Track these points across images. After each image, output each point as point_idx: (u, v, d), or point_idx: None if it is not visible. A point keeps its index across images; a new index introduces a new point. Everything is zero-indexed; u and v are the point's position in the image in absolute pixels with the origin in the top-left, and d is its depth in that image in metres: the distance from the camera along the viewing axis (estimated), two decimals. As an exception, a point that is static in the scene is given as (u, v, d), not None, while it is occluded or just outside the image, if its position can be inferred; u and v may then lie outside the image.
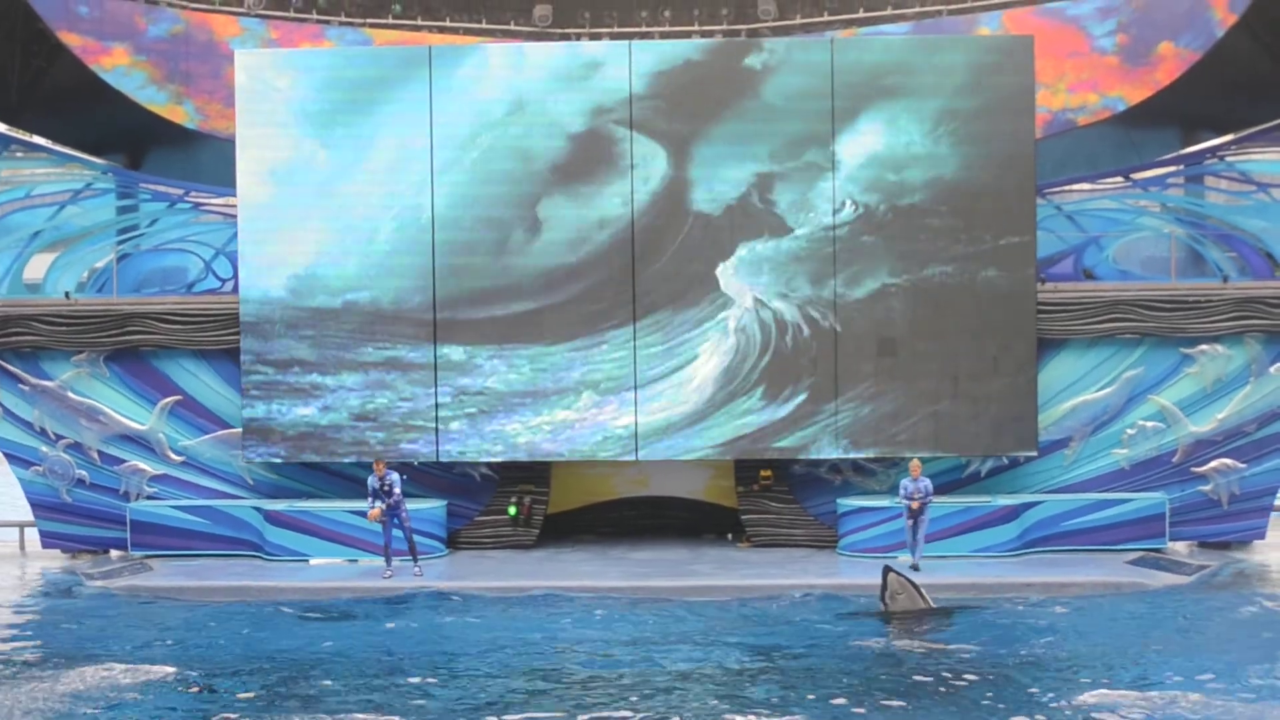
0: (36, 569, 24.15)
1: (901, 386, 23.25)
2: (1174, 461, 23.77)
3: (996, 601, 20.17)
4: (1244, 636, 18.16)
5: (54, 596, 21.80)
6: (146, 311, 24.20)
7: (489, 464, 24.08)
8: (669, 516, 25.32)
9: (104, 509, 24.33)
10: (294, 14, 28.48)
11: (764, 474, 24.05)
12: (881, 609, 19.24)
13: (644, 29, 28.66)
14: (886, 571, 19.44)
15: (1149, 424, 23.73)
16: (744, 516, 24.36)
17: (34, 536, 25.37)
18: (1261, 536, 24.23)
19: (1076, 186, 25.51)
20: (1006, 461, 23.81)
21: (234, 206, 24.06)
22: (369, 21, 28.66)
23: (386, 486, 21.62)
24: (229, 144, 24.56)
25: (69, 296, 24.39)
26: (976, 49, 24.09)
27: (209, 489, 24.33)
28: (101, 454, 24.35)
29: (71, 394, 24.27)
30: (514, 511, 24.21)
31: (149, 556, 23.73)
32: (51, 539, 24.89)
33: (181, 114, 27.60)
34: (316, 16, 28.52)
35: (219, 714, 14.78)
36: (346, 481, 24.08)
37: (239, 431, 23.85)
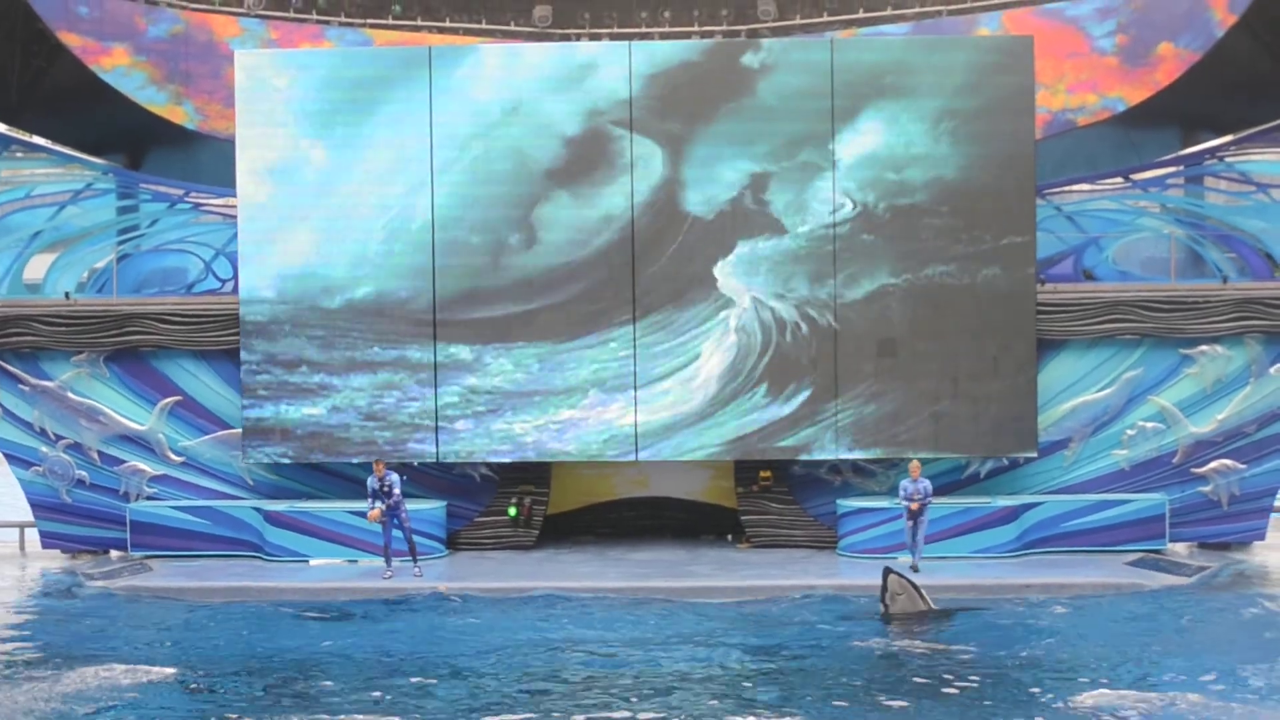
0: (36, 569, 24.15)
1: (901, 387, 23.24)
2: (1174, 462, 23.76)
3: (996, 602, 20.16)
4: (1244, 637, 18.17)
5: (54, 597, 21.80)
6: (146, 312, 24.19)
7: (489, 464, 24.09)
8: (668, 517, 25.30)
9: (104, 509, 24.33)
10: (294, 14, 28.48)
11: (764, 475, 24.04)
12: (882, 610, 19.24)
13: (644, 29, 28.65)
14: (887, 573, 19.43)
15: (1149, 425, 23.73)
16: (744, 517, 24.35)
17: (34, 537, 25.37)
18: (1261, 537, 24.23)
19: (1076, 187, 25.50)
20: (1006, 462, 23.80)
21: (234, 207, 24.04)
22: (369, 22, 28.65)
23: (386, 487, 21.61)
24: (229, 144, 24.55)
25: (69, 297, 24.38)
26: (976, 49, 24.07)
27: (209, 489, 24.33)
28: (101, 454, 24.35)
29: (71, 394, 24.27)
30: (514, 512, 24.21)
31: (149, 557, 23.73)
32: (51, 539, 24.89)
33: (181, 114, 27.59)
34: (316, 17, 28.51)
35: (219, 714, 14.79)
36: (346, 482, 24.08)
37: (239, 432, 23.85)
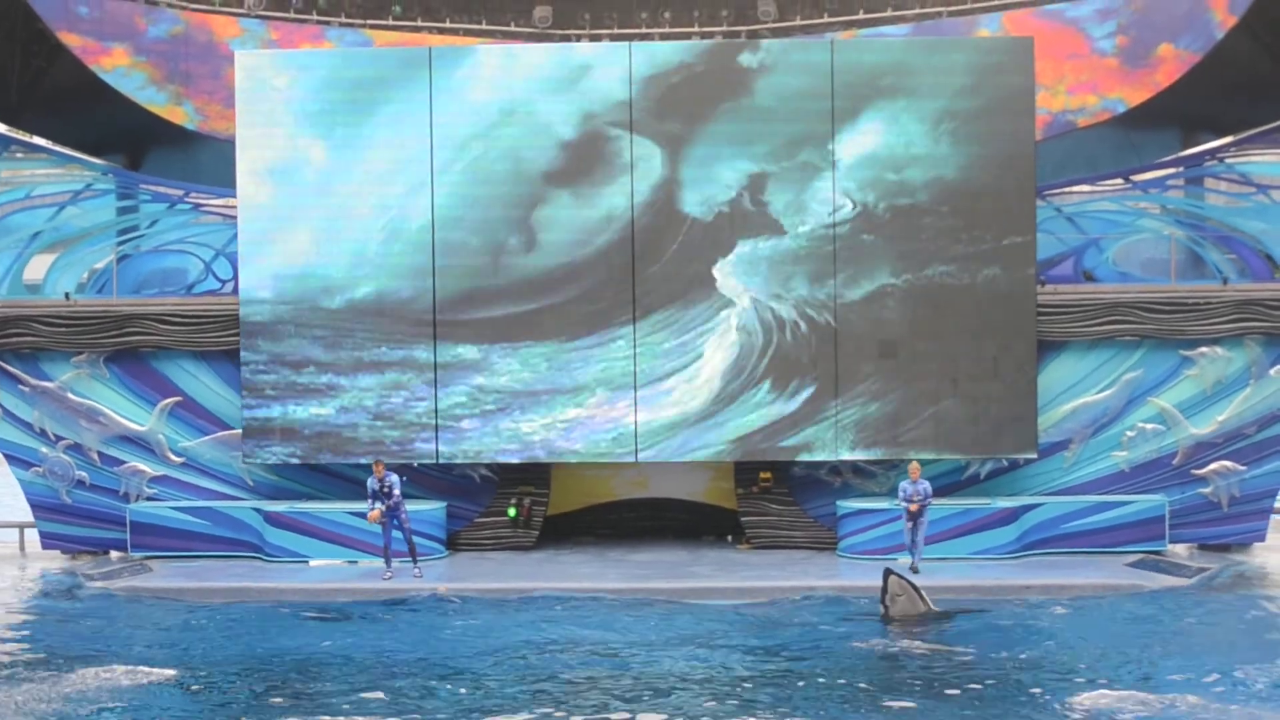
0: (36, 570, 24.13)
1: (901, 387, 23.23)
2: (1174, 464, 23.76)
3: (997, 604, 20.15)
4: (1244, 639, 18.17)
5: (54, 598, 21.78)
6: (146, 313, 24.18)
7: (488, 465, 24.08)
8: (668, 518, 25.29)
9: (104, 510, 24.32)
10: (294, 15, 28.48)
11: (763, 476, 24.04)
12: (882, 611, 19.24)
13: (644, 30, 28.67)
14: (887, 574, 19.43)
15: (1149, 426, 23.72)
16: (744, 518, 24.35)
17: (34, 537, 25.37)
18: (1261, 539, 24.23)
19: (1076, 188, 25.50)
20: (1006, 464, 23.80)
21: (234, 207, 24.03)
22: (369, 23, 28.66)
23: (386, 488, 21.60)
24: (229, 145, 24.55)
25: (69, 297, 24.38)
26: (977, 51, 24.06)
27: (209, 490, 24.32)
28: (101, 455, 24.35)
29: (71, 395, 24.26)
30: (513, 513, 24.20)
31: (149, 558, 23.73)
32: (51, 540, 24.89)
33: (181, 115, 27.59)
34: (316, 17, 28.52)
35: (219, 715, 14.79)
36: (346, 483, 24.07)
37: (239, 433, 23.85)
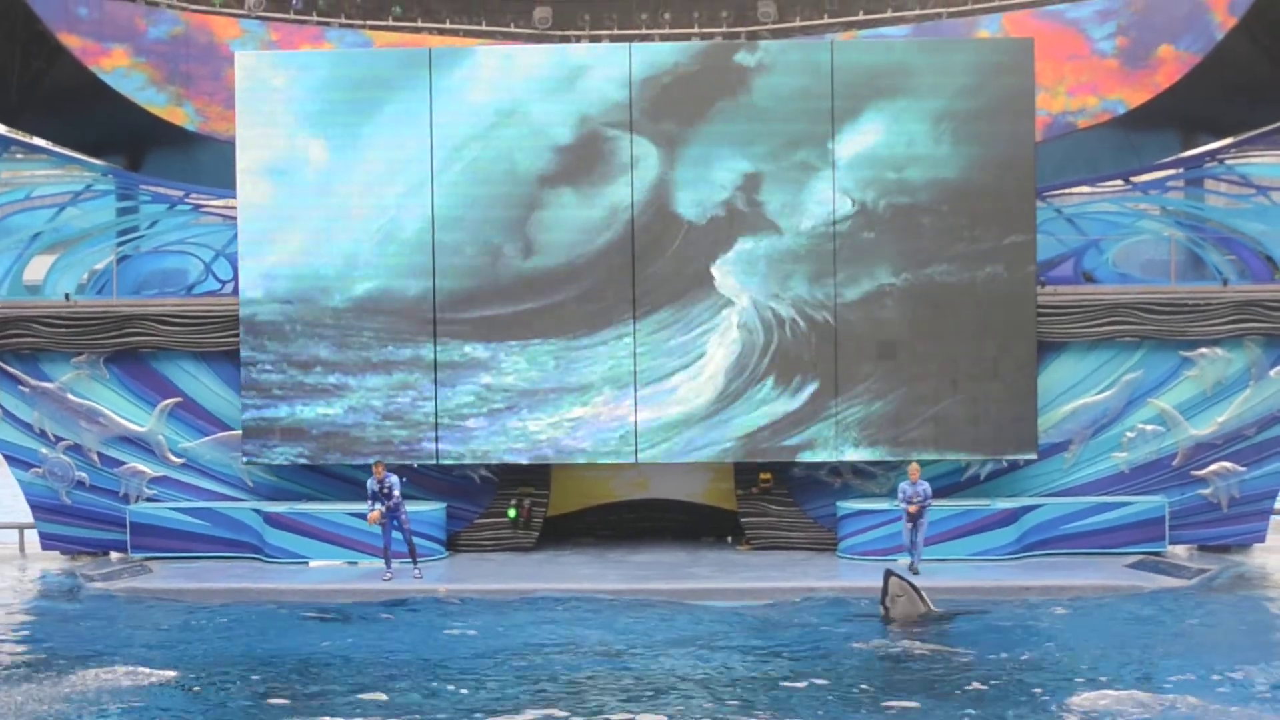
0: (36, 571, 24.13)
1: (901, 388, 23.23)
2: (1174, 465, 23.76)
3: (997, 605, 20.16)
4: (1244, 640, 18.17)
5: (54, 598, 21.79)
6: (146, 313, 24.19)
7: (488, 466, 24.07)
8: (668, 519, 25.29)
9: (104, 511, 24.32)
10: (294, 16, 28.49)
11: (763, 477, 24.05)
12: (882, 612, 19.24)
13: (644, 31, 28.68)
14: (888, 575, 19.42)
15: (1149, 427, 23.73)
16: (743, 519, 24.35)
17: (34, 538, 25.37)
18: (1261, 540, 24.24)
19: (1076, 189, 25.52)
20: (1006, 465, 23.80)
21: (234, 208, 24.03)
22: (369, 24, 28.67)
23: (386, 489, 21.60)
24: (229, 146, 24.55)
25: (69, 298, 24.38)
26: (977, 51, 24.07)
27: (209, 491, 24.33)
28: (101, 456, 24.35)
29: (71, 396, 24.27)
30: (513, 514, 24.21)
31: (149, 558, 23.73)
32: (51, 541, 24.89)
33: (181, 116, 27.60)
34: (316, 18, 28.53)
35: (219, 716, 14.78)
36: (346, 484, 24.07)
37: (239, 433, 23.84)
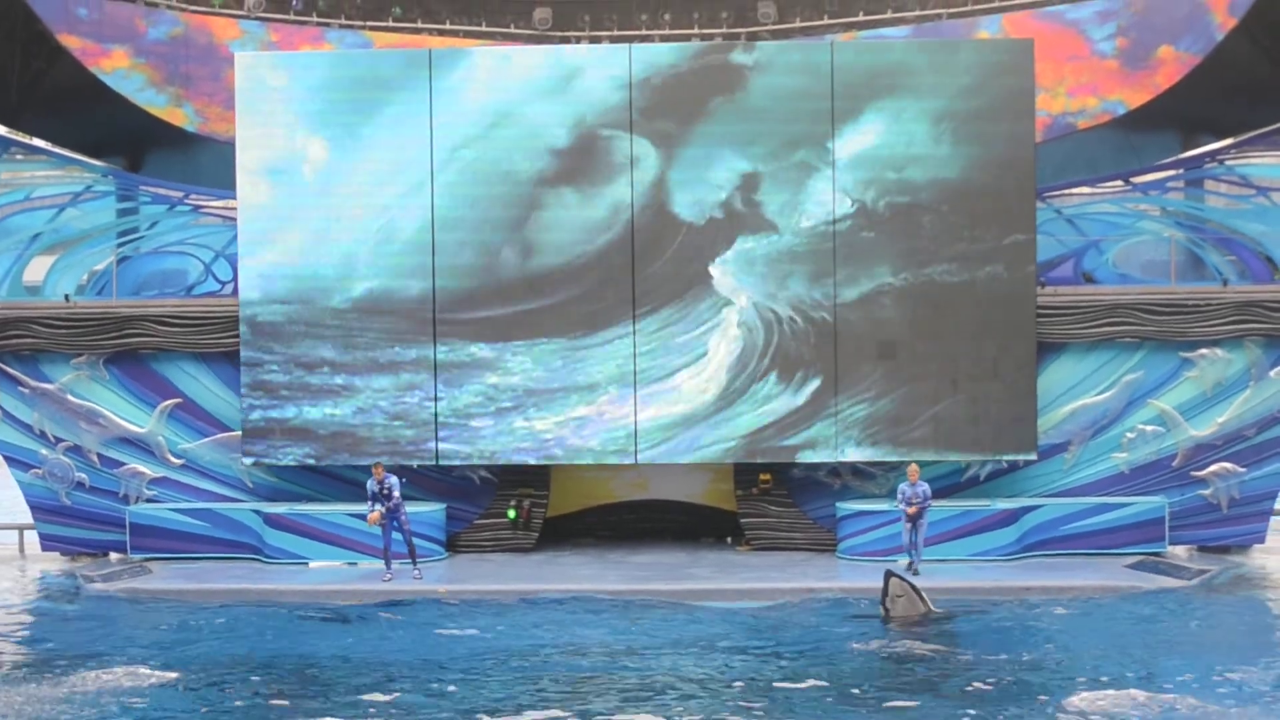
0: (36, 572, 24.14)
1: (901, 388, 23.23)
2: (1173, 465, 23.76)
3: (997, 605, 20.16)
4: (1244, 640, 18.17)
5: (54, 599, 21.79)
6: (146, 314, 24.18)
7: (488, 466, 24.07)
8: (668, 520, 25.30)
9: (103, 512, 24.32)
10: (294, 16, 28.49)
11: (763, 478, 24.04)
12: (882, 613, 19.24)
13: (643, 32, 28.68)
14: (888, 575, 19.43)
15: (1148, 428, 23.72)
16: (743, 520, 24.35)
17: (33, 539, 25.37)
18: (1261, 541, 24.24)
19: (1076, 190, 25.52)
20: (1005, 465, 23.79)
21: (234, 209, 24.03)
22: (369, 24, 28.66)
23: (385, 490, 21.60)
24: (229, 147, 24.54)
25: (69, 299, 24.38)
26: (977, 52, 24.06)
27: (208, 492, 24.33)
28: (101, 457, 24.35)
29: (71, 397, 24.26)
30: (513, 515, 24.20)
31: (148, 559, 23.73)
32: (51, 542, 24.89)
33: (181, 116, 27.60)
34: (316, 19, 28.54)
35: (219, 716, 14.78)
36: (345, 485, 24.07)
37: (239, 434, 23.84)
